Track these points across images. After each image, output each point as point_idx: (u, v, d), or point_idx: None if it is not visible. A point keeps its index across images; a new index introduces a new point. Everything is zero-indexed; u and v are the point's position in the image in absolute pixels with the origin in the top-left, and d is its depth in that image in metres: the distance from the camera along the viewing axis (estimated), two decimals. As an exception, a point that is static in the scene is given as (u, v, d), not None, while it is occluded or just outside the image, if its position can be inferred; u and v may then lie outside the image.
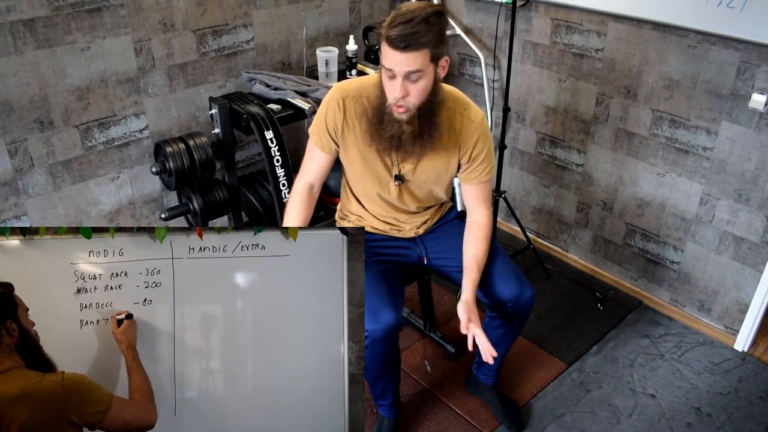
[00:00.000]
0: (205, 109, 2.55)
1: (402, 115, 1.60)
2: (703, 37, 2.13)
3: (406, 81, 1.54)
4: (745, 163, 2.17)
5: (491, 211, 1.87)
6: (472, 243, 1.80)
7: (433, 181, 1.80)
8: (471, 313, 1.65)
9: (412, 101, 1.58)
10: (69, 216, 2.34)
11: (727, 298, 2.40)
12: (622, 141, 2.50)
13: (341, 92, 1.72)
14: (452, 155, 1.75)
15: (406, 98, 1.57)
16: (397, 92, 1.55)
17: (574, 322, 2.56)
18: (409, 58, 1.50)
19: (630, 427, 2.09)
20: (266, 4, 2.56)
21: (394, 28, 1.48)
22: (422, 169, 1.76)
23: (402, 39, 1.47)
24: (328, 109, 1.73)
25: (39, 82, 2.10)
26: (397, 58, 1.50)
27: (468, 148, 1.74)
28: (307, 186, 1.84)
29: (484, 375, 2.11)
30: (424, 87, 1.57)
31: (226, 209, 2.46)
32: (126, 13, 2.20)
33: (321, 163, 1.82)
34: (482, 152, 1.75)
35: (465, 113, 1.72)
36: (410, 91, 1.56)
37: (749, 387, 2.24)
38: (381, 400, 1.97)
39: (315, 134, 1.79)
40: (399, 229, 1.93)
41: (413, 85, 1.55)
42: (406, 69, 1.52)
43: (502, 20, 2.70)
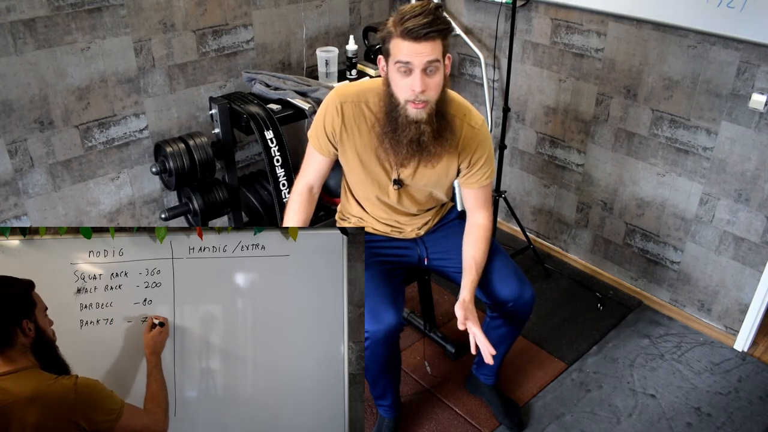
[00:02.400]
0: (205, 109, 2.55)
1: (421, 112, 1.57)
2: (703, 37, 2.13)
3: (424, 75, 1.52)
4: (745, 163, 2.17)
5: (491, 213, 1.87)
6: (472, 245, 1.80)
7: (433, 185, 1.80)
8: (468, 311, 1.64)
9: (432, 95, 1.56)
10: (69, 216, 2.34)
11: (727, 298, 2.40)
12: (622, 141, 2.50)
13: (339, 97, 1.71)
14: (452, 160, 1.74)
15: (426, 92, 1.54)
16: (418, 86, 1.51)
17: (574, 322, 2.56)
18: (429, 47, 1.48)
19: (630, 427, 2.09)
20: (266, 4, 2.56)
21: (408, 21, 1.47)
22: (422, 174, 1.75)
23: (422, 27, 1.46)
24: (327, 113, 1.72)
25: (39, 82, 2.10)
26: (416, 50, 1.48)
27: (468, 155, 1.74)
28: (306, 187, 1.84)
29: (484, 375, 2.11)
30: (439, 81, 1.56)
31: (226, 209, 2.46)
32: (126, 13, 2.20)
33: (320, 166, 1.82)
34: (482, 158, 1.75)
35: (465, 119, 1.71)
36: (429, 85, 1.54)
37: (749, 387, 2.24)
38: (381, 400, 1.97)
39: (314, 138, 1.78)
40: (400, 231, 1.93)
41: (430, 80, 1.53)
42: (426, 59, 1.49)
43: (502, 20, 2.70)
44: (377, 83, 1.69)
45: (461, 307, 1.64)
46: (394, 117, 1.60)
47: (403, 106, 1.57)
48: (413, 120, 1.58)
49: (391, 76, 1.57)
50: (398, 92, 1.57)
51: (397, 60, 1.51)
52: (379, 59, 1.62)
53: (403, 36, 1.48)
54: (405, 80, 1.53)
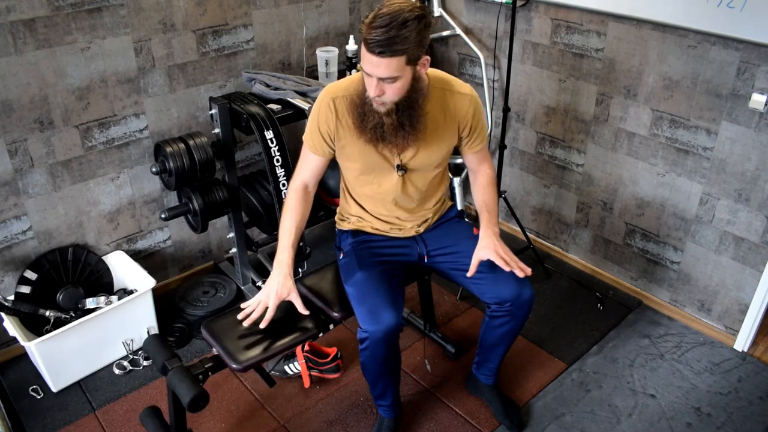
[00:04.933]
0: (205, 109, 2.55)
1: (380, 107, 1.65)
2: (703, 37, 2.13)
3: (381, 82, 1.58)
4: (745, 163, 2.17)
5: (491, 162, 1.98)
6: (480, 191, 1.93)
7: (436, 161, 1.84)
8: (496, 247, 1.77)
9: (389, 98, 1.62)
10: (69, 216, 2.34)
11: (727, 298, 2.40)
12: (622, 141, 2.50)
13: (330, 94, 1.75)
14: (452, 133, 1.81)
15: (382, 96, 1.61)
16: (373, 92, 1.60)
17: (574, 322, 2.55)
18: (383, 63, 1.53)
19: (630, 427, 2.09)
20: (266, 4, 2.56)
21: (372, 31, 1.50)
22: (424, 154, 1.80)
23: (377, 44, 1.50)
24: (320, 113, 1.75)
25: (39, 82, 2.10)
26: (373, 62, 1.54)
27: (467, 120, 1.80)
28: (302, 185, 1.86)
29: (483, 375, 2.11)
30: (400, 86, 1.61)
31: (226, 209, 2.46)
32: (126, 13, 2.20)
33: (315, 165, 1.84)
34: (480, 119, 1.83)
35: (453, 89, 1.78)
36: (386, 90, 1.60)
37: (749, 387, 2.24)
38: (381, 400, 1.97)
39: (308, 139, 1.81)
40: (400, 228, 1.93)
41: (389, 86, 1.59)
42: (380, 75, 1.56)
43: (502, 20, 2.70)
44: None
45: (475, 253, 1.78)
46: (363, 101, 1.68)
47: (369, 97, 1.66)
48: (375, 111, 1.66)
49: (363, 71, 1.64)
50: (366, 86, 1.65)
51: (360, 64, 1.61)
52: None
53: (364, 45, 1.54)
54: (367, 80, 1.61)
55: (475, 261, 1.79)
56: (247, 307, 1.75)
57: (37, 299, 2.24)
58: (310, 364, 2.23)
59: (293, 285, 1.76)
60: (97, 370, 2.31)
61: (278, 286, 1.73)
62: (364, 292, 1.75)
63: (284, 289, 1.73)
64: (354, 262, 1.85)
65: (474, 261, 1.79)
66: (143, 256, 2.61)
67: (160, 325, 2.44)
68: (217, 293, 2.62)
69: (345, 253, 1.92)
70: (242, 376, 2.28)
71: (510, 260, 1.76)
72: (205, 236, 2.78)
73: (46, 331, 2.21)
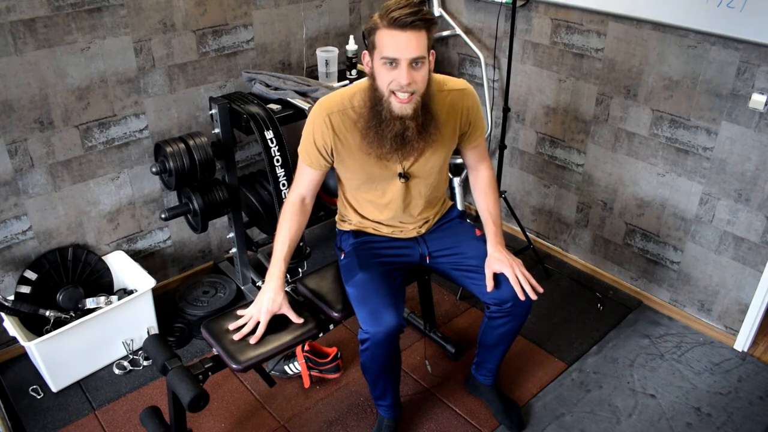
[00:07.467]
0: (205, 109, 2.55)
1: (407, 108, 1.58)
2: (703, 37, 2.13)
3: (411, 69, 1.53)
4: (745, 163, 2.17)
5: (490, 161, 1.97)
6: (482, 197, 1.91)
7: (438, 164, 1.83)
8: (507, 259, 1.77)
9: (419, 87, 1.58)
10: (69, 216, 2.34)
11: (727, 298, 2.40)
12: (622, 141, 2.50)
13: (325, 109, 1.72)
14: (452, 133, 1.79)
15: (412, 85, 1.55)
16: (404, 78, 1.53)
17: (574, 322, 2.56)
18: (413, 38, 1.50)
19: (630, 427, 2.09)
20: (266, 4, 2.56)
21: (394, 11, 1.49)
22: (427, 158, 1.78)
23: (407, 15, 1.48)
24: (315, 128, 1.73)
25: (39, 82, 2.10)
26: (402, 41, 1.50)
27: (466, 113, 1.79)
28: (299, 198, 1.84)
29: (482, 376, 2.11)
30: (425, 75, 1.58)
31: (226, 209, 2.46)
32: (126, 13, 2.20)
33: (312, 178, 1.82)
34: (477, 110, 1.81)
35: (448, 88, 1.76)
36: (415, 78, 1.55)
37: (749, 387, 2.24)
38: (381, 400, 1.97)
39: (304, 153, 1.79)
40: (401, 230, 1.93)
41: (418, 73, 1.55)
42: (412, 55, 1.51)
43: (502, 20, 2.70)
44: (357, 85, 1.72)
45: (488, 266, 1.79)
46: (377, 111, 1.62)
47: (386, 99, 1.59)
48: (397, 115, 1.60)
49: (377, 70, 1.59)
50: (382, 85, 1.58)
51: (383, 56, 1.54)
52: (364, 54, 1.63)
53: (389, 25, 1.50)
54: (390, 74, 1.55)
55: (489, 273, 1.78)
56: (242, 316, 1.77)
57: (37, 299, 2.24)
58: (310, 364, 2.23)
59: (284, 299, 1.77)
60: (97, 370, 2.31)
61: (269, 301, 1.74)
62: (365, 293, 1.75)
63: (275, 304, 1.74)
64: (355, 262, 1.84)
65: (488, 273, 1.78)
66: (143, 256, 2.61)
67: (160, 325, 2.44)
68: (217, 293, 2.62)
69: (346, 254, 1.92)
70: (242, 376, 2.28)
71: (523, 280, 1.75)
72: (205, 236, 2.78)
73: (46, 331, 2.21)
